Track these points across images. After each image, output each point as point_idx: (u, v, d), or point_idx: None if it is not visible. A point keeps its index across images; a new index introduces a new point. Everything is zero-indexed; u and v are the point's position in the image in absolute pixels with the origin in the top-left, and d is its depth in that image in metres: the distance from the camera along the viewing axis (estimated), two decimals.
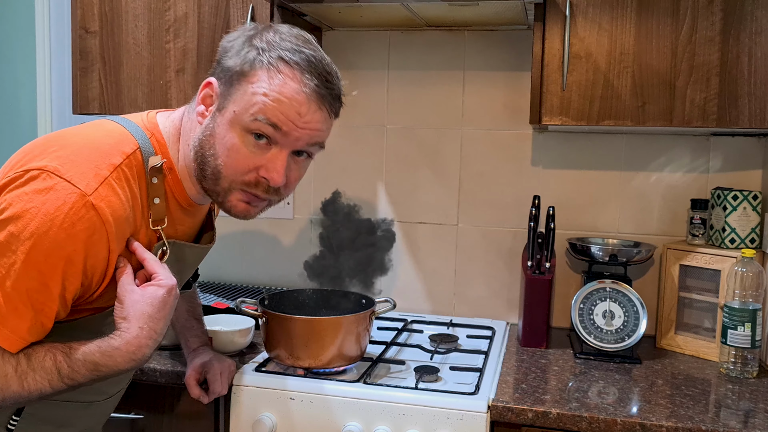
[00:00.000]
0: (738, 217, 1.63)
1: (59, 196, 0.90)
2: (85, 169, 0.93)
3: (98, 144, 0.98)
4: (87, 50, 1.79)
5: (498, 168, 1.92)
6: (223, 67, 1.03)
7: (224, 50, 1.04)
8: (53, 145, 0.96)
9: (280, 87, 0.98)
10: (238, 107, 0.99)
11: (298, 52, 1.00)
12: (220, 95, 1.02)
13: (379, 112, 1.98)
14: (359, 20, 1.84)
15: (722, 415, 1.30)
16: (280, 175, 1.02)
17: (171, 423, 1.48)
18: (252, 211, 1.07)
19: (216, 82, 1.03)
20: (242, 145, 1.00)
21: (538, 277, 1.66)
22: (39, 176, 0.91)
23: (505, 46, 1.88)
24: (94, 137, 0.99)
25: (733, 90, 1.46)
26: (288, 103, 0.98)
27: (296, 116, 0.99)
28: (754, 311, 1.50)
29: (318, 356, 1.39)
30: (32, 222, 0.89)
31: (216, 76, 1.04)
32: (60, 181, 0.91)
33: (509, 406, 1.31)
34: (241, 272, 2.11)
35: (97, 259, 0.95)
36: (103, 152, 0.97)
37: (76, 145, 0.96)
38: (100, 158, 0.95)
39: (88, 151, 0.96)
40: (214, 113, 1.02)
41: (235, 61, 1.01)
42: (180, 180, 1.07)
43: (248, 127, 0.99)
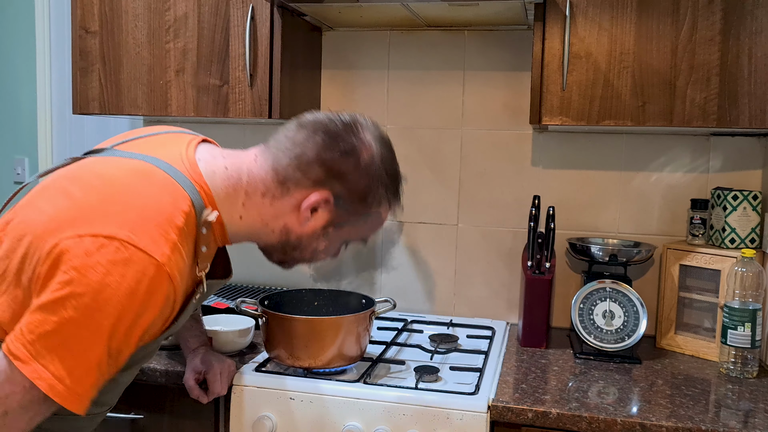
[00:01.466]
0: (738, 217, 1.63)
1: (138, 269, 0.90)
2: (156, 236, 0.93)
3: (160, 205, 0.97)
4: (87, 50, 1.79)
5: (498, 168, 1.92)
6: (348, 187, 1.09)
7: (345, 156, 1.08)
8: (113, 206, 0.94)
9: (384, 220, 1.18)
10: (353, 230, 1.15)
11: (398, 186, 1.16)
12: (337, 213, 1.11)
13: (379, 112, 1.98)
14: (359, 20, 1.84)
15: (722, 415, 1.30)
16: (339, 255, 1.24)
17: (171, 423, 1.48)
18: None
19: (333, 200, 1.10)
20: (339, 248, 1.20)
21: (538, 277, 1.66)
22: (111, 245, 0.90)
23: (505, 46, 1.88)
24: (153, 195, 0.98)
25: (733, 90, 1.46)
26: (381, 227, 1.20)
27: None
28: (754, 311, 1.50)
29: (318, 356, 1.39)
30: (114, 295, 0.89)
31: (333, 191, 1.09)
32: (136, 251, 0.90)
33: (509, 406, 1.31)
34: (241, 272, 2.11)
35: (163, 316, 0.98)
36: (167, 215, 0.96)
37: (138, 207, 0.95)
38: (166, 222, 0.95)
39: (153, 213, 0.95)
40: (327, 228, 1.13)
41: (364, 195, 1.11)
42: (227, 234, 1.10)
43: (350, 242, 1.19)
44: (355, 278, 2.04)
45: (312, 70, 1.94)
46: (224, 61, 1.70)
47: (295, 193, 1.08)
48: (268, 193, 1.09)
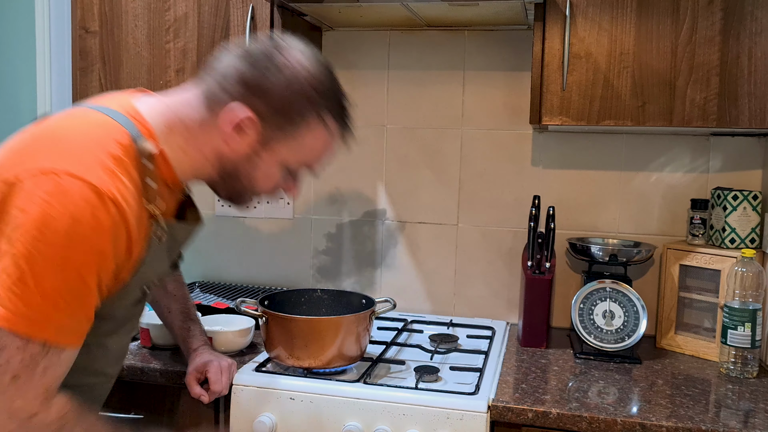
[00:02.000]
0: (738, 217, 1.63)
1: (78, 196, 0.91)
2: (92, 164, 0.94)
3: (93, 137, 0.98)
4: (87, 50, 1.79)
5: (498, 168, 1.92)
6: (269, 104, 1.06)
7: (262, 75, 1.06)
8: (46, 143, 0.96)
9: (327, 142, 1.11)
10: (288, 153, 1.09)
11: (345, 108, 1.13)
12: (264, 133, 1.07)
13: (379, 112, 1.98)
14: (359, 20, 1.84)
15: (722, 415, 1.30)
16: (298, 192, 1.21)
17: (171, 423, 1.48)
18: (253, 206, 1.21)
19: (257, 118, 1.06)
20: (279, 176, 1.12)
21: (538, 277, 1.66)
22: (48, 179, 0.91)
23: (505, 46, 1.88)
24: (86, 130, 0.99)
25: (733, 90, 1.46)
26: (327, 152, 1.13)
27: (328, 158, 1.17)
28: (754, 311, 1.50)
29: (318, 356, 1.39)
30: (56, 224, 0.90)
31: (255, 109, 1.06)
32: (73, 180, 0.92)
33: (509, 406, 1.31)
34: (241, 272, 2.11)
35: (120, 247, 0.97)
36: (101, 145, 0.97)
37: (71, 141, 0.96)
38: (100, 151, 0.96)
39: (86, 144, 0.96)
40: (257, 148, 1.08)
41: (289, 106, 1.06)
42: (173, 168, 1.10)
43: (291, 168, 1.12)
44: (355, 278, 2.04)
45: None
46: None
47: (221, 114, 1.07)
48: (201, 119, 1.09)
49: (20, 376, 0.90)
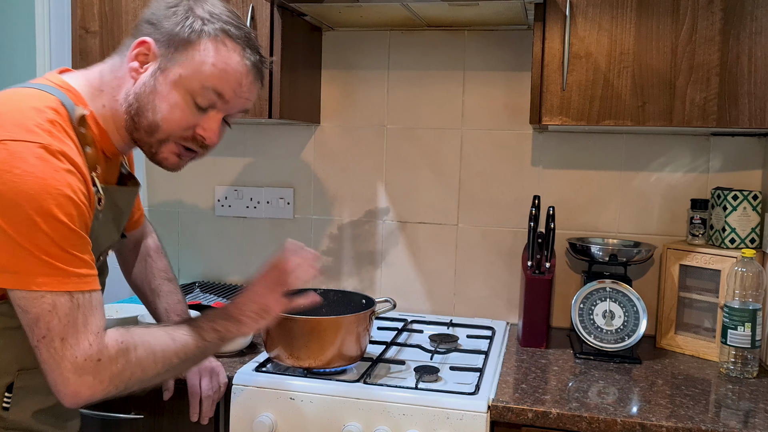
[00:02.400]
0: (738, 217, 1.63)
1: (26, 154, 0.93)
2: (31, 128, 0.96)
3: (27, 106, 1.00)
4: (87, 50, 1.79)
5: (498, 168, 1.92)
6: (163, 31, 1.08)
7: (162, 15, 1.10)
8: None
9: (226, 58, 1.08)
10: (185, 72, 1.07)
11: (238, 28, 1.10)
12: (161, 56, 1.08)
13: (379, 112, 1.98)
14: (359, 20, 1.84)
15: (722, 415, 1.30)
16: (216, 134, 1.12)
17: (171, 423, 1.48)
18: (180, 164, 1.16)
19: (153, 43, 1.08)
20: (185, 104, 1.08)
21: (538, 277, 1.66)
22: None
23: (505, 46, 1.88)
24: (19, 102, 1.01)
25: (733, 90, 1.46)
26: (232, 74, 1.09)
27: (237, 86, 1.10)
28: (754, 311, 1.50)
29: (318, 356, 1.39)
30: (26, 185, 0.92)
31: (152, 37, 1.09)
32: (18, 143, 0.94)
33: (509, 406, 1.31)
34: (241, 272, 2.11)
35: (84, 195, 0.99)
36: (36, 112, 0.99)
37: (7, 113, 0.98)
38: (37, 117, 0.98)
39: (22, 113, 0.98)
40: (155, 73, 1.08)
41: (180, 28, 1.08)
42: (105, 130, 1.12)
43: (194, 92, 1.08)
44: (355, 278, 2.04)
45: (312, 70, 1.94)
46: None
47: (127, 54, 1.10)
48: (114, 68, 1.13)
49: (67, 335, 0.94)
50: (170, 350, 1.05)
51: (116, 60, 1.13)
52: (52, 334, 0.93)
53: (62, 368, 0.94)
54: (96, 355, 0.95)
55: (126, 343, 0.99)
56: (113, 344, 0.98)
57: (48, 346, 0.94)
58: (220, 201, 2.10)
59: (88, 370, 0.95)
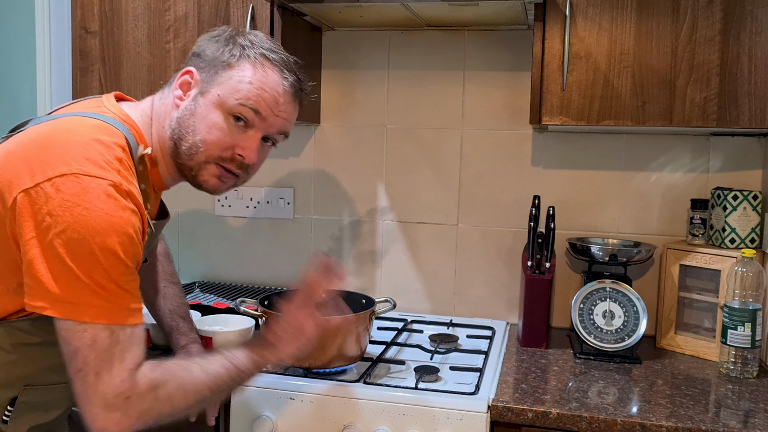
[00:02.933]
0: (738, 217, 1.63)
1: (98, 191, 0.96)
2: (103, 165, 0.98)
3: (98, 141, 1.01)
4: (87, 50, 1.79)
5: (498, 168, 1.92)
6: (205, 59, 1.14)
7: (206, 45, 1.16)
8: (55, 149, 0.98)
9: (263, 78, 1.12)
10: (223, 91, 1.11)
11: (276, 52, 1.15)
12: (202, 81, 1.13)
13: (379, 112, 1.98)
14: (359, 20, 1.84)
15: (722, 415, 1.30)
16: (254, 153, 1.14)
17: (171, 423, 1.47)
18: (222, 187, 1.18)
19: (196, 71, 1.14)
20: (223, 124, 1.11)
21: (538, 277, 1.66)
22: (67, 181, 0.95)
23: (505, 46, 1.88)
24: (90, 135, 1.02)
25: (733, 90, 1.46)
26: (269, 92, 1.12)
27: (275, 104, 1.13)
28: (754, 311, 1.50)
29: (318, 356, 1.39)
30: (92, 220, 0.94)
31: (196, 66, 1.15)
32: (90, 178, 0.96)
33: (509, 406, 1.31)
34: (241, 272, 2.11)
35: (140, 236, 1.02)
36: (106, 148, 1.01)
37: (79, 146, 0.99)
38: (107, 154, 1.00)
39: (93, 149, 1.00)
40: (196, 96, 1.13)
41: (221, 54, 1.13)
42: (156, 167, 1.16)
43: (232, 110, 1.11)
44: (355, 278, 2.04)
45: (312, 70, 1.94)
46: None
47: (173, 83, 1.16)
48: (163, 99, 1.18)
49: (101, 370, 0.94)
50: (202, 383, 1.04)
51: (165, 91, 1.18)
52: (87, 368, 0.94)
53: (92, 404, 0.95)
54: (126, 392, 0.95)
55: (157, 380, 0.99)
56: (144, 381, 0.97)
57: (83, 380, 0.95)
58: (220, 201, 2.10)
59: (117, 407, 0.95)
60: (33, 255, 0.94)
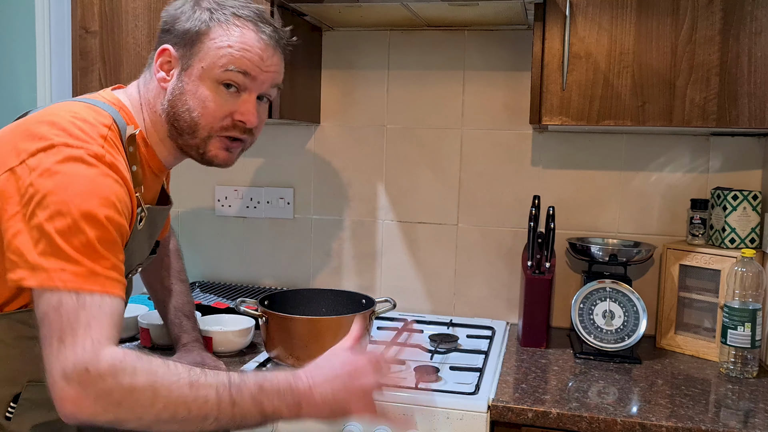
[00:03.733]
0: (738, 217, 1.63)
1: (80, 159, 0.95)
2: (86, 138, 0.99)
3: (81, 117, 1.02)
4: (87, 50, 1.79)
5: (498, 168, 1.92)
6: (177, 33, 1.11)
7: (173, 18, 1.13)
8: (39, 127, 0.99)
9: (241, 38, 1.09)
10: (205, 63, 1.09)
11: (245, 7, 1.12)
12: (181, 57, 1.11)
13: (379, 112, 1.98)
14: (359, 20, 1.84)
15: (722, 415, 1.30)
16: (254, 115, 1.13)
17: None
18: (231, 157, 1.17)
19: (171, 47, 1.12)
20: (215, 95, 1.10)
21: (538, 277, 1.66)
22: (51, 152, 0.95)
23: (505, 46, 1.88)
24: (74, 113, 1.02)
25: (733, 90, 1.46)
26: (251, 50, 1.10)
27: (260, 61, 1.11)
28: (754, 311, 1.50)
29: (318, 356, 1.38)
30: (74, 186, 0.93)
31: (170, 42, 1.12)
32: (72, 149, 0.96)
33: (509, 406, 1.31)
34: (241, 272, 2.11)
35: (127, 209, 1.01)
36: (91, 126, 1.01)
37: (63, 123, 1.00)
38: (91, 130, 1.00)
39: (77, 123, 1.00)
40: (179, 74, 1.11)
41: (190, 24, 1.10)
42: (152, 147, 1.15)
43: (219, 78, 1.09)
44: (355, 278, 2.04)
45: (312, 70, 1.94)
46: None
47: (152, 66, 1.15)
48: (147, 82, 1.16)
49: (65, 336, 0.88)
50: (178, 396, 0.89)
51: (147, 74, 1.17)
52: (52, 333, 0.88)
53: (53, 372, 0.87)
54: (84, 363, 0.86)
55: (124, 363, 0.88)
56: (108, 359, 0.87)
57: (47, 347, 0.89)
58: (220, 201, 2.10)
59: (74, 379, 0.86)
60: (16, 229, 0.93)
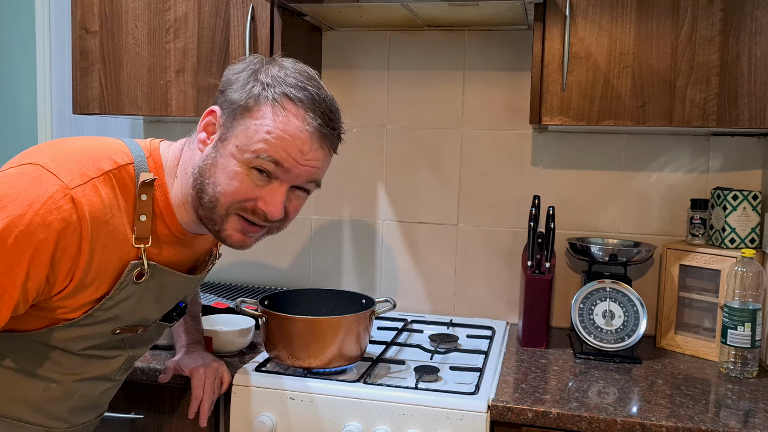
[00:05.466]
0: (738, 217, 1.63)
1: (41, 185, 0.92)
2: (73, 168, 0.95)
3: (92, 150, 1.00)
4: (87, 50, 1.79)
5: (498, 168, 1.92)
6: (228, 99, 1.04)
7: (228, 82, 1.06)
8: (51, 147, 0.99)
9: (284, 125, 1.00)
10: (240, 142, 1.01)
11: (302, 89, 1.02)
12: (223, 125, 1.03)
13: (379, 112, 1.98)
14: (359, 20, 1.84)
15: (722, 415, 1.30)
16: (278, 209, 1.03)
17: (171, 423, 1.48)
18: (248, 241, 1.08)
19: (219, 111, 1.05)
20: (243, 175, 1.01)
21: (538, 277, 1.66)
22: (27, 167, 0.94)
23: (505, 46, 1.88)
24: (91, 145, 1.01)
25: (733, 90, 1.46)
26: (291, 141, 1.00)
27: (298, 154, 1.01)
28: (754, 311, 1.50)
29: (318, 356, 1.39)
30: (10, 204, 0.90)
31: (219, 105, 1.05)
32: (46, 173, 0.93)
33: (509, 406, 1.31)
34: (241, 272, 2.11)
35: (66, 255, 0.94)
36: (94, 157, 0.99)
37: (71, 149, 0.99)
38: (90, 161, 0.98)
39: (80, 153, 0.98)
40: (217, 143, 1.03)
41: (240, 94, 1.02)
42: (171, 204, 1.07)
43: (250, 163, 1.01)
44: (355, 278, 2.04)
45: None
46: (224, 61, 1.70)
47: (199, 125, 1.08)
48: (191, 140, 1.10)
49: None
50: None
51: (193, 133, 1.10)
52: None
53: None
54: None
55: None
56: None
57: None
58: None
59: None
60: None
